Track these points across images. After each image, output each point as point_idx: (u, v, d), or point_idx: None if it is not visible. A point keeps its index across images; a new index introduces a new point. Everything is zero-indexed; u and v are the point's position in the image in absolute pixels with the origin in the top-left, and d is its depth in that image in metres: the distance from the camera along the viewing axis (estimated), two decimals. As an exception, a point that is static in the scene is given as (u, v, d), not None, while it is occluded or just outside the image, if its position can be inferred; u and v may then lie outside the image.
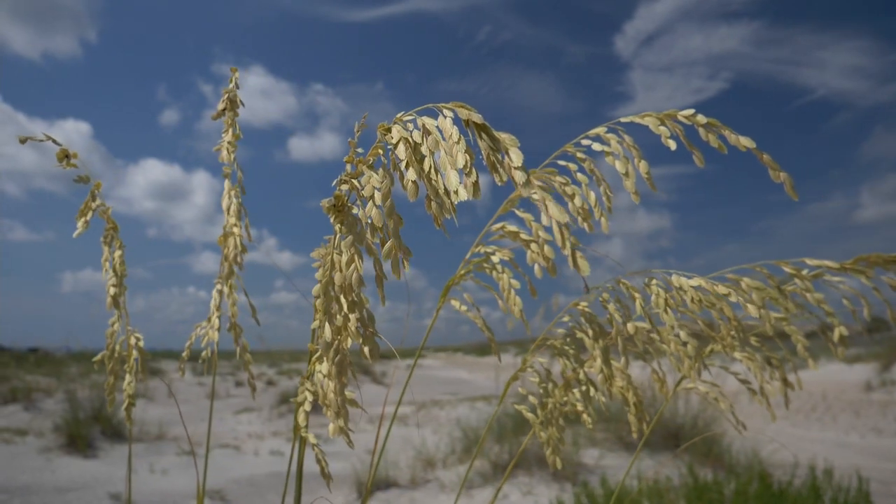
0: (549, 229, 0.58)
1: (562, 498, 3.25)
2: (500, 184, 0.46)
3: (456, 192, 0.46)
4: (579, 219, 0.65)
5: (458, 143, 0.47)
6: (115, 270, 0.82)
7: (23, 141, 0.73)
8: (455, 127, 0.48)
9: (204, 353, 0.86)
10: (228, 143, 0.83)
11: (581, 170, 0.67)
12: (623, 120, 0.63)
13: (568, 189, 0.66)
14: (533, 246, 0.42)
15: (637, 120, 0.62)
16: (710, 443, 4.37)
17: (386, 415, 7.13)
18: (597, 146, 0.64)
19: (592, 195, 0.65)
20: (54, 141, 0.76)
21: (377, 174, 0.52)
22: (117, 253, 0.83)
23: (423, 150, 0.50)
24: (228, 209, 0.86)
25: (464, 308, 0.83)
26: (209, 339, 0.86)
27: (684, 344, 0.76)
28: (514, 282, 0.76)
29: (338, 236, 0.54)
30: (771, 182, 0.57)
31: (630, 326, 0.74)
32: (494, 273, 0.77)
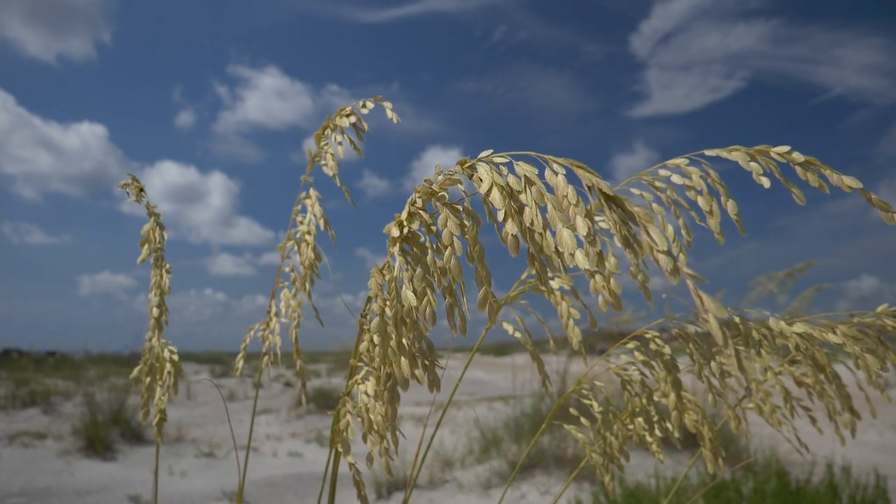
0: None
1: (580, 497, 3.25)
2: (633, 261, 0.42)
3: (572, 255, 0.42)
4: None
5: (576, 205, 0.43)
6: (161, 292, 0.85)
7: (121, 186, 0.84)
8: (570, 187, 0.44)
9: (265, 360, 0.88)
10: (331, 155, 0.83)
11: (657, 200, 0.64)
12: (707, 153, 0.59)
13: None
14: (597, 277, 0.40)
15: (724, 154, 0.58)
16: (727, 441, 4.36)
17: (404, 415, 7.15)
18: (677, 178, 0.61)
19: (670, 228, 0.63)
20: (134, 178, 0.84)
21: (454, 217, 0.49)
22: (166, 275, 0.85)
23: (524, 199, 0.46)
24: (304, 217, 0.87)
25: (517, 334, 0.82)
26: (271, 343, 0.88)
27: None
28: (573, 311, 0.73)
29: (398, 265, 0.52)
30: (791, 180, 0.55)
31: (714, 367, 0.70)
32: (554, 300, 0.75)
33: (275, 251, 0.89)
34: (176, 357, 0.85)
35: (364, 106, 0.82)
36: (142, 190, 0.83)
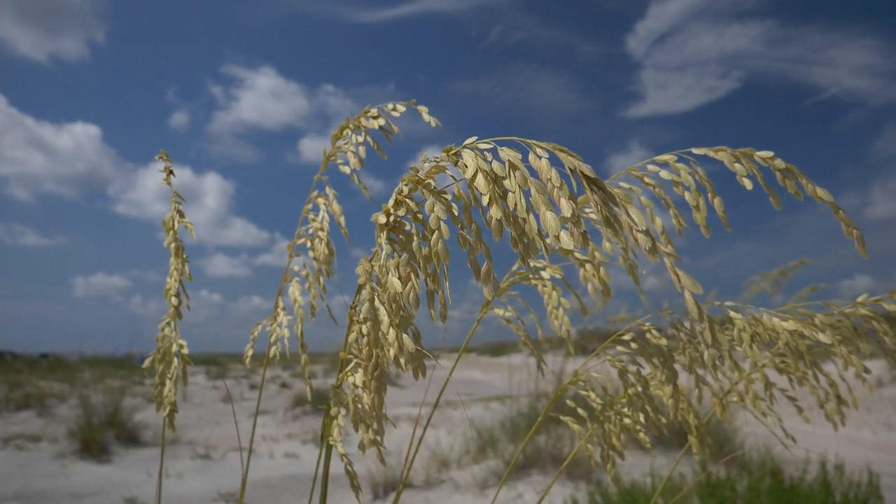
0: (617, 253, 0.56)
1: (576, 497, 3.26)
2: (618, 243, 0.43)
3: (557, 237, 0.42)
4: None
5: (560, 188, 0.44)
6: (178, 281, 0.85)
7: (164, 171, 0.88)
8: (554, 170, 0.45)
9: (273, 349, 0.89)
10: (353, 152, 0.83)
11: (646, 193, 0.65)
12: (695, 151, 0.60)
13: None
14: (587, 266, 0.41)
15: (710, 153, 0.59)
16: (722, 440, 4.38)
17: (400, 416, 7.15)
18: (665, 174, 0.62)
19: (658, 221, 0.63)
20: (165, 156, 0.88)
21: (441, 203, 0.50)
22: (185, 265, 0.86)
23: (507, 184, 0.46)
24: (315, 215, 0.88)
25: (511, 325, 0.82)
26: (278, 336, 0.89)
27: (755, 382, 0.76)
28: (563, 300, 0.74)
29: (384, 253, 0.53)
30: (772, 185, 0.57)
31: (707, 356, 0.70)
32: (541, 287, 0.76)
33: (271, 252, 0.91)
34: (185, 350, 0.85)
35: (395, 109, 0.81)
36: (171, 172, 0.85)
